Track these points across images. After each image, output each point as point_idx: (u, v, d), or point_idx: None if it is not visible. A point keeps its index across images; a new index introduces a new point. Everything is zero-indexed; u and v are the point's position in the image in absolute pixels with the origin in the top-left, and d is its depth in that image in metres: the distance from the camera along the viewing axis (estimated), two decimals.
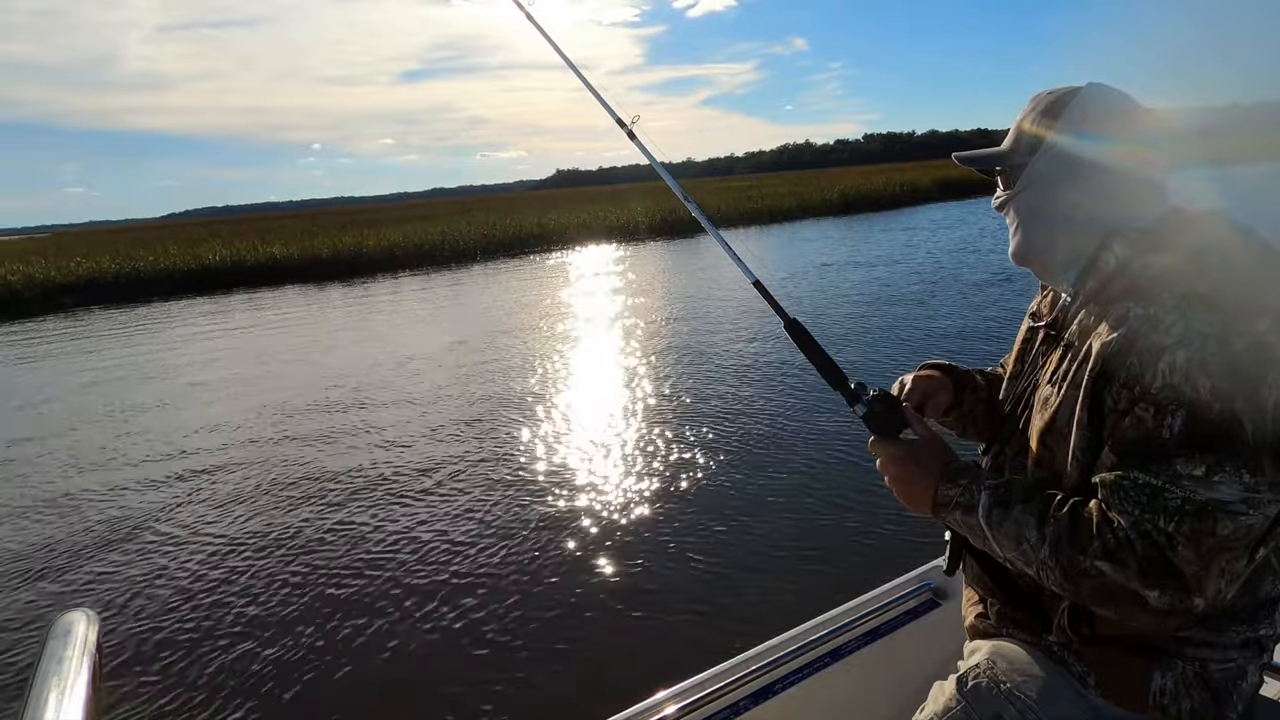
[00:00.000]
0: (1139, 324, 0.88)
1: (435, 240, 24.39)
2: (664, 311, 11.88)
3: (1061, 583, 0.92)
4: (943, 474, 1.05)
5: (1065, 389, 0.97)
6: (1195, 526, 0.82)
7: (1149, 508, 0.84)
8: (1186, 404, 0.83)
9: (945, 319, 9.66)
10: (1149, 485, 0.84)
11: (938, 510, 1.06)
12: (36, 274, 20.09)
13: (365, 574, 4.09)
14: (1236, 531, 0.81)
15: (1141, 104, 1.02)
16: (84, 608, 0.64)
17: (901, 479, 1.09)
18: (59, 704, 0.52)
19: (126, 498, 5.53)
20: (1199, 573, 0.82)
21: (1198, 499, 0.82)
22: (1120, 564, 0.85)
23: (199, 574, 4.27)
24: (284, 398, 8.01)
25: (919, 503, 1.08)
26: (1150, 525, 0.84)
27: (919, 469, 1.07)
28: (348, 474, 5.60)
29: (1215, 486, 0.81)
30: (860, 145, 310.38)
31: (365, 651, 3.39)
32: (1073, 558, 0.89)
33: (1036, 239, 1.07)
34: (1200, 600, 0.83)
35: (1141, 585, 0.84)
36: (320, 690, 3.17)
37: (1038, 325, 1.14)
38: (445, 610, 3.66)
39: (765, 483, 4.93)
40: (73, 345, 12.76)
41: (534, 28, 1.74)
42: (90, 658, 0.57)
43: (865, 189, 35.77)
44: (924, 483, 1.06)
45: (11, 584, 4.35)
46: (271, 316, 14.64)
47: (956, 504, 1.03)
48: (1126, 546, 0.85)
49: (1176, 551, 0.82)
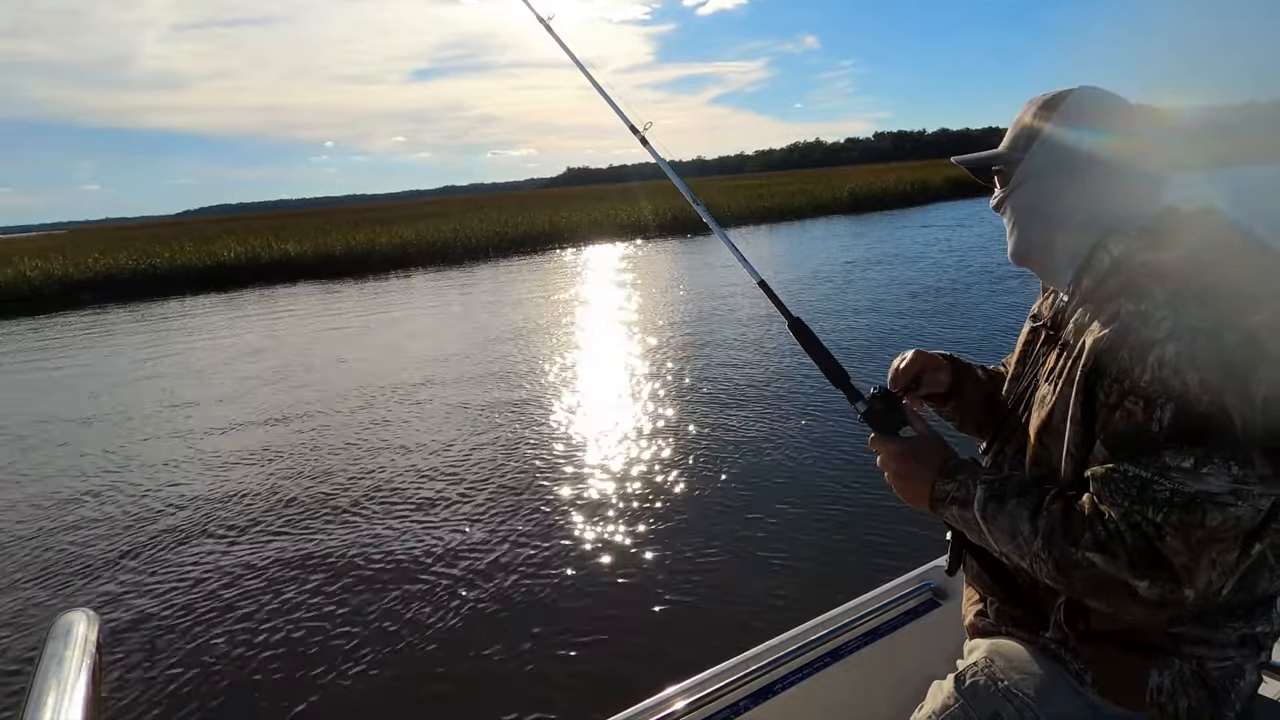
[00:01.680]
0: (1130, 319, 0.88)
1: (448, 238, 24.48)
2: (675, 309, 11.88)
3: (1054, 575, 0.93)
4: (940, 470, 1.07)
5: (1060, 386, 0.98)
6: (1183, 518, 0.82)
7: (1138, 499, 0.85)
8: (1175, 397, 0.83)
9: (970, 315, 9.64)
10: (1139, 477, 0.85)
11: (935, 505, 1.07)
12: (55, 270, 20.33)
13: (370, 572, 4.11)
14: (1225, 523, 0.82)
15: (1134, 104, 1.02)
16: (84, 608, 0.64)
17: (900, 475, 1.11)
18: (59, 704, 0.52)
19: (134, 493, 5.59)
20: (1188, 563, 0.83)
21: (1186, 490, 0.82)
22: (1111, 555, 0.86)
23: (201, 573, 4.28)
24: (310, 394, 8.07)
25: (917, 498, 1.09)
26: (1139, 516, 0.85)
27: (917, 465, 1.09)
28: (365, 471, 5.63)
29: (1204, 479, 0.82)
30: (871, 144, 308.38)
31: (366, 651, 3.40)
32: (1065, 549, 0.90)
33: (1034, 238, 1.08)
34: (1191, 591, 0.84)
35: (1131, 576, 0.85)
36: (320, 690, 3.16)
37: (1038, 326, 1.14)
38: (445, 611, 3.67)
39: (765, 482, 4.93)
40: (94, 340, 12.92)
41: (552, 38, 1.76)
42: (90, 658, 0.57)
43: (876, 187, 35.60)
44: (922, 478, 1.08)
45: (13, 581, 4.37)
46: (288, 313, 14.74)
47: (953, 499, 1.04)
48: (1116, 538, 0.86)
49: (1165, 542, 0.83)
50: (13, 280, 19.23)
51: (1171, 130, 1.01)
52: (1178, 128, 1.02)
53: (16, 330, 14.82)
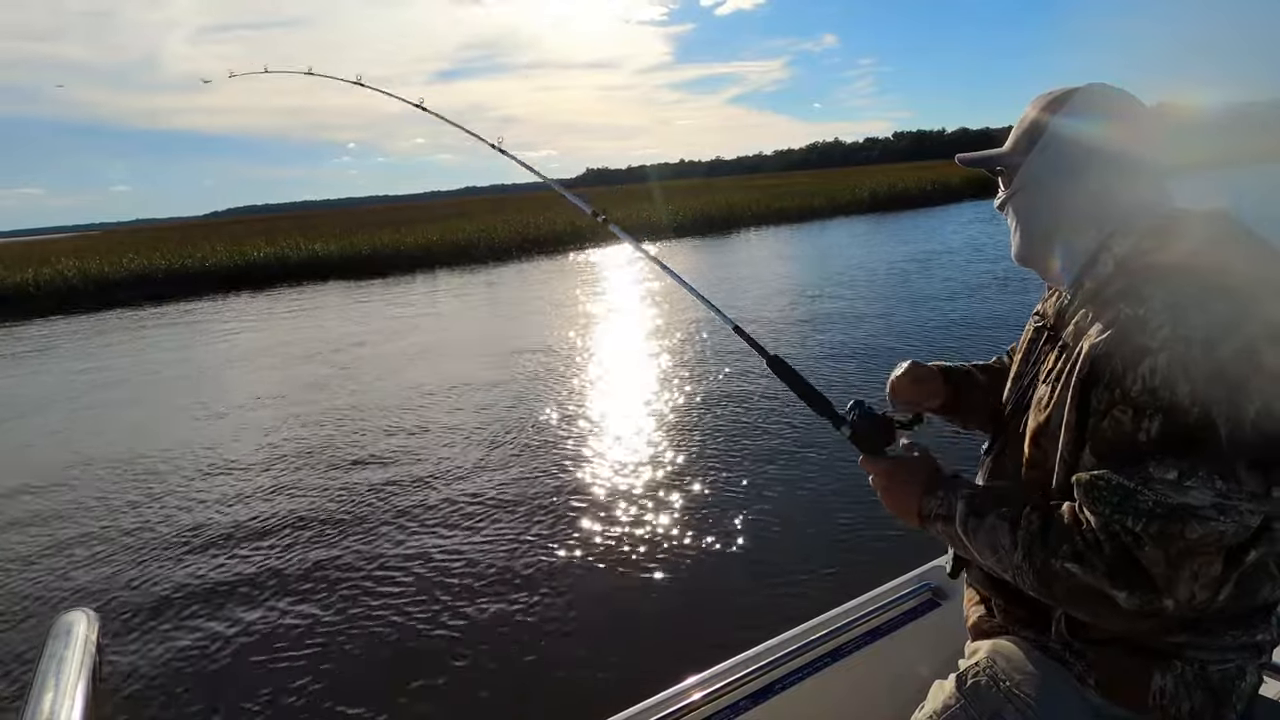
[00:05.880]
0: (1128, 324, 0.87)
1: (472, 238, 24.60)
2: (692, 310, 11.88)
3: (1036, 586, 0.93)
4: (925, 486, 1.08)
5: (1058, 390, 0.97)
6: (1164, 528, 0.81)
7: (1119, 508, 0.84)
8: (1165, 408, 0.82)
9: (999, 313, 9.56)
10: (1122, 486, 0.85)
11: (923, 521, 1.08)
12: (91, 270, 20.83)
13: (369, 573, 4.12)
14: (1206, 537, 0.81)
15: (1144, 103, 0.99)
16: (84, 608, 0.65)
17: (889, 491, 1.13)
18: (59, 704, 0.53)
19: (147, 495, 5.67)
20: (1167, 574, 0.82)
21: (1169, 503, 0.82)
22: (1089, 565, 0.86)
23: (206, 571, 4.29)
24: (349, 393, 8.16)
25: (906, 515, 1.11)
26: (1119, 525, 0.84)
27: (905, 482, 1.11)
28: (387, 470, 5.67)
29: (1187, 491, 0.81)
30: (890, 143, 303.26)
31: (366, 651, 3.41)
32: (1045, 560, 0.90)
33: (1036, 240, 1.06)
34: (1171, 602, 0.83)
35: (1110, 585, 0.85)
36: (321, 690, 3.17)
37: (1041, 325, 1.14)
38: (445, 611, 3.68)
39: (765, 482, 4.92)
40: (133, 337, 13.20)
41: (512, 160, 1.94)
42: (90, 658, 0.57)
43: (896, 187, 35.08)
44: (909, 493, 1.09)
45: (10, 577, 4.41)
46: (319, 311, 14.95)
47: (937, 515, 1.05)
48: (1094, 547, 0.86)
49: (1144, 552, 0.83)
50: (51, 279, 19.78)
51: (1184, 127, 0.99)
52: (1192, 124, 0.99)
53: (64, 329, 15.14)
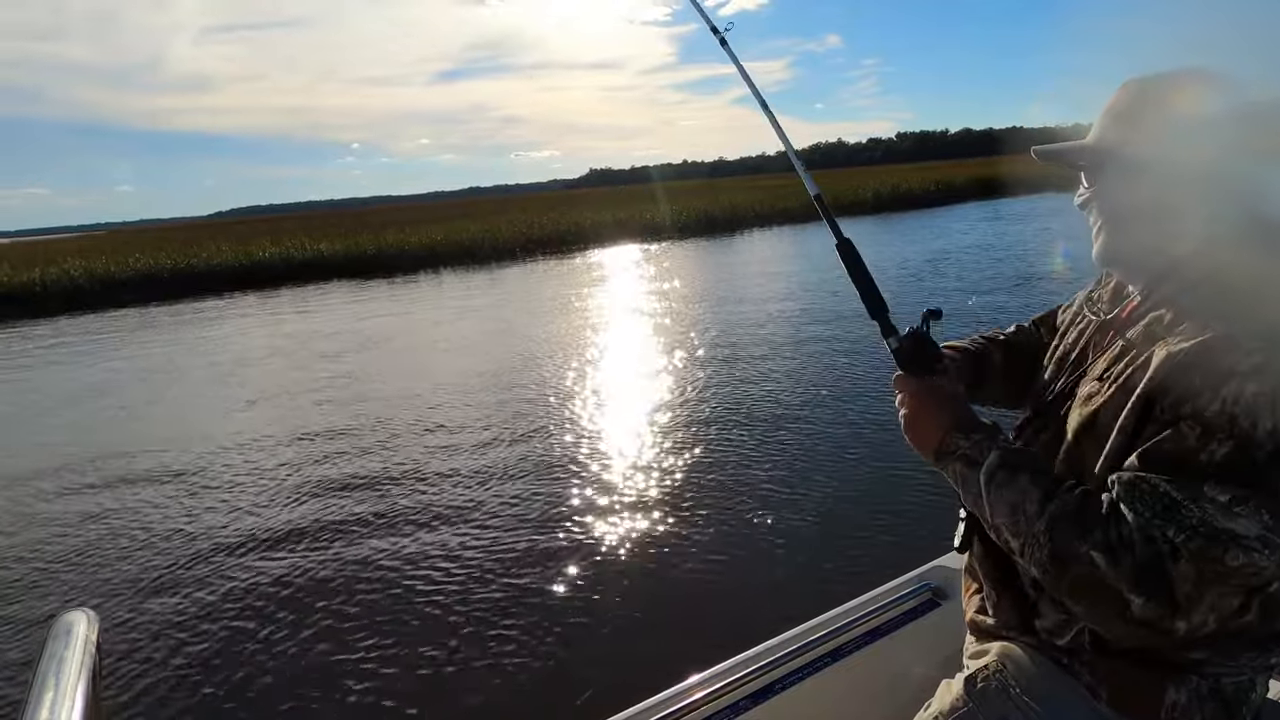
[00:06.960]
0: (1216, 343, 0.82)
1: (476, 238, 24.65)
2: (698, 308, 11.92)
3: (1046, 564, 0.88)
4: (956, 422, 1.02)
5: (1114, 391, 0.93)
6: (1204, 548, 0.78)
7: (1162, 515, 0.80)
8: (1239, 436, 0.78)
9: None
10: (1169, 495, 0.80)
11: (939, 457, 1.03)
12: (97, 269, 20.91)
13: (369, 573, 4.12)
14: (1244, 568, 0.77)
15: (1255, 95, 0.87)
16: (84, 607, 0.64)
17: (914, 415, 1.07)
18: (59, 704, 0.52)
19: (149, 493, 5.67)
20: (1191, 593, 0.78)
21: (1214, 524, 0.78)
22: (1115, 560, 0.81)
23: (207, 570, 4.28)
24: (356, 390, 8.19)
25: (924, 443, 1.05)
26: (1158, 531, 0.80)
27: (936, 409, 1.05)
28: (390, 473, 5.65)
29: (1235, 518, 0.77)
30: (893, 144, 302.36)
31: (364, 650, 3.41)
32: (1069, 540, 0.85)
33: (1123, 240, 0.99)
34: (1182, 624, 0.80)
35: (1129, 588, 0.81)
36: (321, 690, 3.17)
37: (1094, 314, 1.09)
38: (445, 611, 3.68)
39: (765, 481, 4.92)
40: (141, 336, 13.22)
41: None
42: (90, 658, 0.57)
43: (900, 188, 35.03)
44: (936, 423, 1.03)
45: (13, 576, 4.42)
46: (325, 311, 14.97)
47: (962, 455, 0.99)
48: (1127, 545, 0.82)
49: (1178, 565, 0.78)
50: (58, 279, 19.88)
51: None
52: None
53: (70, 327, 15.19)
